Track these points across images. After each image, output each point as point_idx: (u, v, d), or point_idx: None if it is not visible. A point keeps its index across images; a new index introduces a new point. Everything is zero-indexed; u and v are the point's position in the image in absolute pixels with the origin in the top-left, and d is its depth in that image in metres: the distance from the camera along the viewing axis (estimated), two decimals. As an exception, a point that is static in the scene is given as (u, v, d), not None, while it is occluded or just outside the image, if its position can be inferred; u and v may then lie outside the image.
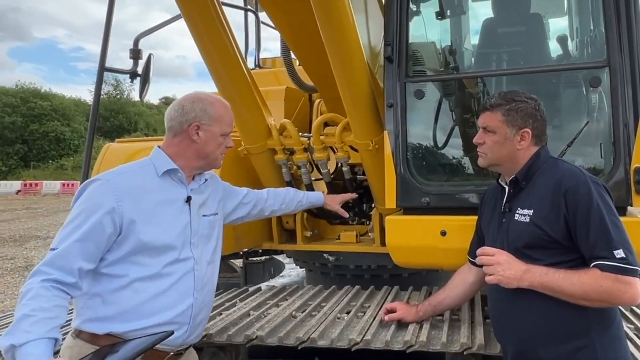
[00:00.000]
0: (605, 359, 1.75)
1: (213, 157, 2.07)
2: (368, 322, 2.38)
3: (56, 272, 1.66)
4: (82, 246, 1.73)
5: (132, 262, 1.85)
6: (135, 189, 1.89)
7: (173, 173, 1.99)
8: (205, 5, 2.57)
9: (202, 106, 2.00)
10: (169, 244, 1.91)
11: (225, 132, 2.07)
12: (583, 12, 3.36)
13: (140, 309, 1.84)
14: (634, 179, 2.42)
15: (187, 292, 1.95)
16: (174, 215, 1.97)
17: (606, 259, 1.68)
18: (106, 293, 1.82)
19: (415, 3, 3.05)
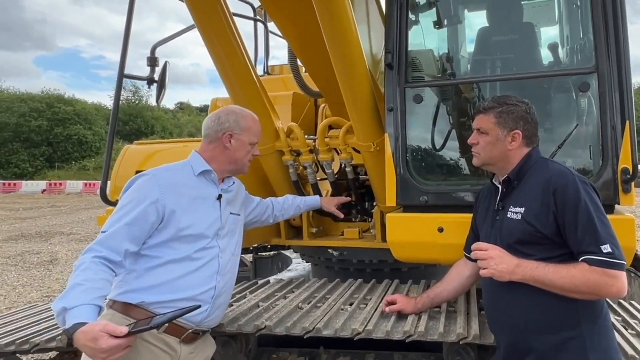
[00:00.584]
0: (593, 348, 1.74)
1: (242, 163, 2.26)
2: (370, 313, 2.38)
3: (105, 250, 1.83)
4: (129, 230, 1.90)
5: (168, 247, 2.02)
6: (177, 185, 2.08)
7: (207, 174, 2.18)
8: (218, 16, 2.58)
9: (235, 118, 2.21)
10: (201, 233, 2.08)
11: (253, 141, 2.27)
12: (573, 21, 3.34)
13: (170, 284, 1.99)
14: (621, 179, 2.41)
15: (212, 276, 2.09)
16: (206, 209, 2.15)
17: (594, 254, 1.68)
18: (142, 270, 1.99)
19: (414, 13, 3.04)
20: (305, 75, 3.79)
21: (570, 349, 1.74)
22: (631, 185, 2.43)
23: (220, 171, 2.23)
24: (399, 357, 2.44)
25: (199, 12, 2.57)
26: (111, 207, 3.44)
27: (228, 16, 2.65)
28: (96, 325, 1.60)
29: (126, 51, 3.41)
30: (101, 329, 1.58)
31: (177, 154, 3.43)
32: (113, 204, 3.45)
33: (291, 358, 2.52)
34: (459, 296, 2.49)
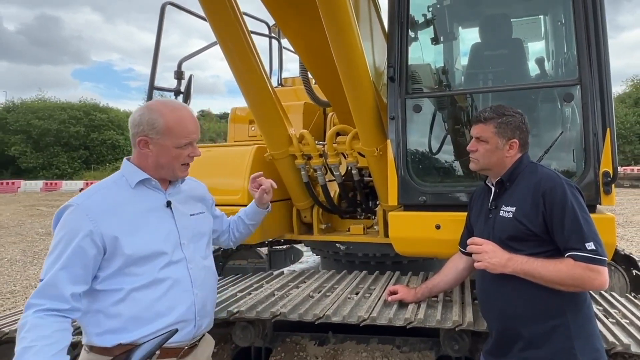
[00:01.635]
0: (577, 335, 1.73)
1: (171, 168, 1.75)
2: (374, 302, 2.37)
3: (48, 302, 1.48)
4: (68, 273, 1.52)
5: (125, 274, 1.62)
6: (111, 206, 1.64)
7: (147, 182, 1.74)
8: (237, 34, 2.59)
9: (149, 118, 1.68)
10: (157, 251, 1.67)
11: (180, 143, 1.71)
12: (557, 37, 3.32)
13: (143, 316, 1.63)
14: (603, 181, 2.39)
15: (187, 291, 1.73)
16: (157, 222, 1.72)
17: (579, 250, 1.67)
18: (106, 308, 1.61)
19: (414, 30, 3.03)
20: (315, 87, 3.79)
21: (556, 336, 1.73)
22: (612, 187, 2.41)
23: (157, 177, 1.77)
24: (400, 341, 2.42)
25: (221, 30, 2.58)
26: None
27: (246, 33, 2.66)
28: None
29: (156, 67, 3.44)
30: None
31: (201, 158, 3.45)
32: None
33: (303, 341, 2.51)
34: (455, 287, 2.47)
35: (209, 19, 2.57)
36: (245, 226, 2.29)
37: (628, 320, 2.28)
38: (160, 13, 3.40)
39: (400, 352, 2.38)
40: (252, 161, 3.16)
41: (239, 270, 4.64)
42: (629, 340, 2.01)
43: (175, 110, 1.73)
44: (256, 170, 3.15)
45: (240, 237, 2.32)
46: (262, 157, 3.22)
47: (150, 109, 1.70)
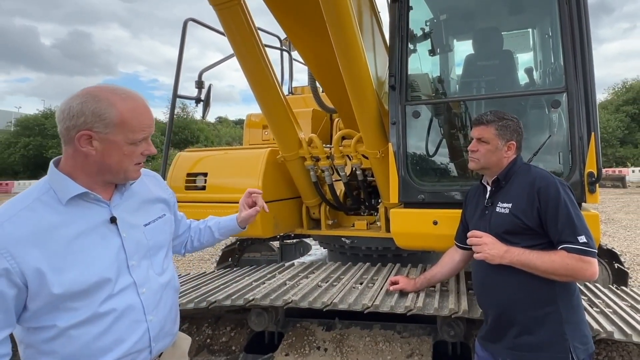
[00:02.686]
0: (568, 321, 1.71)
1: (122, 169, 1.28)
2: (377, 291, 2.36)
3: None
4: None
5: (57, 310, 1.19)
6: (33, 234, 1.16)
7: (85, 196, 1.25)
8: (253, 48, 2.60)
9: (95, 108, 1.19)
10: (98, 281, 1.23)
11: (134, 139, 1.26)
12: (545, 49, 3.29)
13: (84, 353, 1.22)
14: (587, 181, 2.37)
15: (138, 320, 1.31)
16: (97, 244, 1.26)
17: (571, 243, 1.66)
18: (39, 344, 1.21)
19: (413, 43, 3.02)
20: (322, 95, 3.79)
21: (548, 322, 1.72)
22: (596, 187, 2.38)
23: (98, 184, 1.28)
24: (400, 327, 2.41)
25: (238, 44, 2.59)
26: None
27: (261, 46, 2.66)
28: None
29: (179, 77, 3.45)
30: None
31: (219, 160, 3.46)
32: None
33: (312, 327, 2.51)
34: (451, 278, 2.46)
35: (227, 34, 2.58)
36: (211, 238, 1.82)
37: (611, 310, 2.26)
38: (183, 28, 3.42)
39: (401, 337, 2.37)
40: (266, 162, 3.16)
41: (253, 262, 4.65)
42: (612, 327, 1.99)
43: (127, 98, 1.25)
44: (270, 170, 3.16)
45: (199, 247, 1.81)
46: (274, 159, 3.23)
47: (95, 96, 1.21)
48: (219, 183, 3.18)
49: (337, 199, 3.37)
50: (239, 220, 1.84)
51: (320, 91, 3.73)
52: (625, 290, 2.72)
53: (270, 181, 3.16)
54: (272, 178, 3.17)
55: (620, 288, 2.79)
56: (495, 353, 1.83)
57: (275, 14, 2.82)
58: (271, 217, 3.07)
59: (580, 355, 1.68)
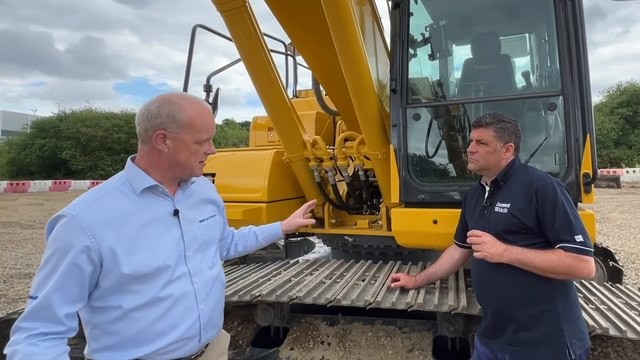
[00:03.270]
0: (565, 318, 1.70)
1: (188, 167, 1.40)
2: (378, 288, 2.35)
3: (41, 325, 1.18)
4: (63, 292, 1.21)
5: (123, 292, 1.29)
6: (111, 219, 1.28)
7: (154, 189, 1.38)
8: (259, 52, 2.60)
9: (169, 111, 1.33)
10: (160, 266, 1.33)
11: (200, 139, 1.38)
12: (541, 53, 3.27)
13: (143, 335, 1.31)
14: (583, 182, 2.35)
15: (191, 307, 1.39)
16: (162, 233, 1.37)
17: (569, 242, 1.64)
18: (104, 324, 1.30)
19: (413, 48, 3.01)
20: (326, 98, 3.79)
21: (546, 319, 1.70)
22: (591, 187, 2.36)
23: (166, 179, 1.41)
24: (401, 323, 2.41)
25: (245, 49, 2.60)
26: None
27: (266, 51, 2.67)
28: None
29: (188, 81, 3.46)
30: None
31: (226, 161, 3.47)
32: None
33: (316, 322, 2.51)
34: (450, 275, 2.45)
35: (235, 39, 2.58)
36: (255, 243, 1.88)
37: (606, 307, 2.24)
38: (192, 34, 3.42)
39: (402, 333, 2.37)
40: (271, 163, 3.17)
41: (259, 259, 4.64)
42: (607, 324, 1.97)
43: (194, 102, 1.39)
44: (275, 171, 3.17)
45: (242, 252, 1.87)
46: (279, 160, 3.23)
47: (169, 101, 1.35)
48: (226, 183, 3.19)
49: (340, 198, 3.37)
50: (284, 228, 1.93)
51: (323, 94, 3.73)
52: (620, 288, 2.70)
53: (275, 181, 3.16)
54: (277, 178, 3.17)
55: (615, 285, 2.77)
56: (494, 349, 1.82)
57: (281, 20, 2.82)
58: (276, 217, 3.08)
59: (577, 351, 1.67)
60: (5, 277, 6.67)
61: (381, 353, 2.28)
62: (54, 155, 35.14)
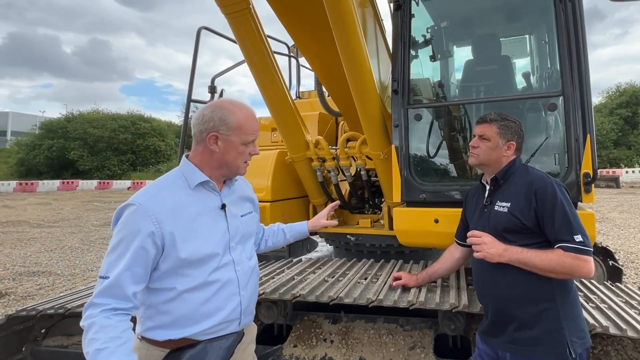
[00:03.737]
0: (565, 317, 1.68)
1: (235, 166, 1.54)
2: (380, 286, 2.35)
3: (113, 301, 1.32)
4: (131, 272, 1.35)
5: (178, 275, 1.43)
6: (171, 208, 1.43)
7: (206, 184, 1.53)
8: (262, 54, 2.60)
9: (221, 115, 1.48)
10: (210, 253, 1.47)
11: (246, 140, 1.52)
12: (542, 54, 3.26)
13: (192, 316, 1.45)
14: (583, 181, 2.34)
15: (234, 293, 1.53)
16: (211, 224, 1.51)
17: (568, 242, 1.63)
18: (159, 304, 1.44)
19: (415, 49, 3.00)
20: (328, 99, 3.78)
21: (546, 318, 1.69)
22: (592, 187, 2.35)
23: (215, 176, 1.54)
24: (403, 321, 2.40)
25: (249, 51, 2.60)
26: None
27: (270, 53, 2.66)
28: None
29: (193, 82, 3.46)
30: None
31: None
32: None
33: (319, 320, 2.50)
34: (452, 274, 2.44)
35: (239, 41, 2.58)
36: (282, 239, 2.02)
37: (606, 305, 2.23)
38: (197, 36, 3.43)
39: (403, 330, 2.36)
40: (275, 163, 3.16)
41: (263, 257, 4.63)
42: (607, 322, 1.96)
43: (243, 108, 1.54)
44: (278, 171, 3.16)
45: (271, 247, 2.00)
46: (283, 160, 3.23)
47: (221, 106, 1.50)
48: (230, 183, 3.18)
49: (343, 198, 3.36)
50: (310, 227, 2.06)
51: (326, 95, 3.72)
52: (620, 287, 2.68)
53: (278, 181, 3.16)
54: (280, 178, 3.17)
55: (615, 284, 2.75)
56: (495, 347, 1.80)
57: (284, 22, 2.82)
58: (280, 216, 3.07)
59: (577, 350, 1.65)
60: (14, 275, 6.70)
61: (383, 350, 2.27)
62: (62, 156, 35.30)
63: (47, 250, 8.76)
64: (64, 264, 7.55)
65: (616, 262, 4.11)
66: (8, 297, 5.62)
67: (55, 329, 2.86)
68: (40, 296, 5.62)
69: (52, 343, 2.79)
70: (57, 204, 18.67)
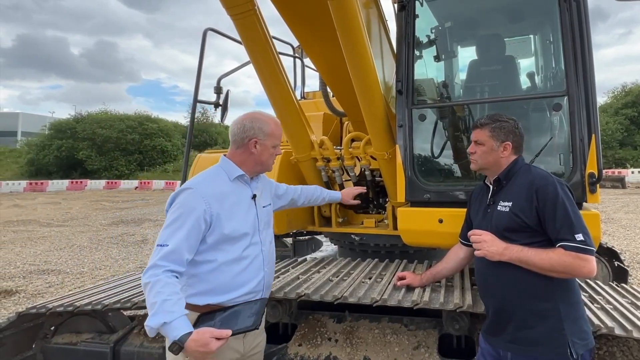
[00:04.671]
0: (566, 317, 1.67)
1: (267, 164, 1.95)
2: (385, 286, 2.34)
3: (172, 264, 1.60)
4: (187, 242, 1.65)
5: (218, 250, 1.75)
6: (217, 194, 1.77)
7: (241, 177, 1.89)
8: (268, 55, 2.60)
9: (259, 125, 1.87)
10: (244, 233, 1.81)
11: (276, 144, 1.94)
12: (546, 54, 3.23)
13: (228, 285, 1.76)
14: (588, 182, 2.31)
15: (259, 268, 1.86)
16: (245, 210, 1.86)
17: (569, 241, 1.61)
18: (202, 274, 1.74)
19: (419, 50, 2.99)
20: (333, 99, 3.77)
21: (547, 317, 1.68)
22: (597, 187, 2.32)
23: (250, 172, 1.92)
24: (407, 321, 2.39)
25: (254, 52, 2.59)
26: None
27: (275, 54, 2.66)
28: (204, 333, 1.49)
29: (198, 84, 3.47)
30: (210, 335, 1.48)
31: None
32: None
33: (324, 319, 2.50)
34: (456, 274, 2.43)
35: (244, 42, 2.58)
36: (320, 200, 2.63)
37: (612, 306, 2.20)
38: (203, 37, 3.43)
39: (408, 330, 2.35)
40: (280, 163, 3.16)
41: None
42: (612, 323, 1.94)
43: (272, 119, 1.96)
44: (283, 171, 3.17)
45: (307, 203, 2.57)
46: (288, 160, 3.23)
47: (257, 118, 1.89)
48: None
49: (347, 198, 3.35)
50: (343, 197, 2.73)
51: (330, 96, 3.72)
52: (626, 288, 2.65)
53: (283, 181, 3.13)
54: (285, 178, 3.16)
55: (621, 285, 2.72)
56: (497, 346, 1.80)
57: (289, 24, 2.82)
58: (284, 215, 3.07)
59: (579, 351, 1.64)
60: (24, 273, 6.77)
61: (387, 350, 2.27)
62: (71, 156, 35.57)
63: (57, 248, 8.84)
64: (72, 263, 7.61)
65: (622, 262, 4.06)
66: (18, 294, 5.68)
67: (65, 326, 2.88)
68: (50, 294, 5.67)
69: (61, 340, 2.81)
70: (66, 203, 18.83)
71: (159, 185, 29.87)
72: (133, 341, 2.68)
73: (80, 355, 2.71)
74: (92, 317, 2.85)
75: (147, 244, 9.37)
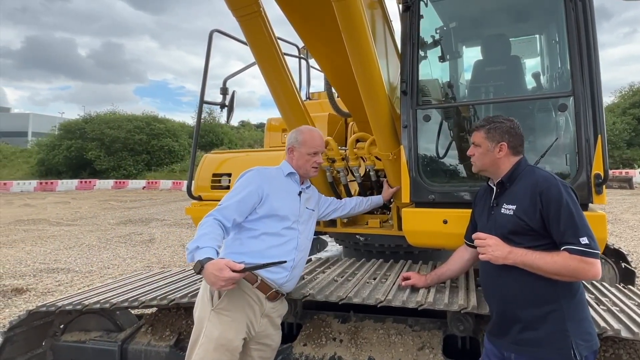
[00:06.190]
0: (570, 319, 1.65)
1: (304, 169, 2.29)
2: (389, 286, 2.34)
3: (220, 216, 1.96)
4: (238, 206, 2.03)
5: (263, 222, 2.09)
6: (273, 178, 2.20)
7: (292, 175, 2.29)
8: (273, 56, 2.60)
9: (295, 135, 2.31)
10: (286, 215, 2.14)
11: (310, 152, 2.28)
12: (552, 54, 3.20)
13: (263, 252, 2.05)
14: (594, 183, 2.29)
15: (291, 250, 2.14)
16: (291, 199, 2.22)
17: (573, 244, 1.59)
18: (244, 238, 2.09)
19: (423, 50, 2.97)
20: (338, 100, 3.77)
21: (550, 319, 1.66)
22: (603, 188, 2.30)
23: (298, 174, 2.31)
24: (412, 321, 2.38)
25: (260, 53, 2.59)
26: (194, 200, 3.52)
27: (280, 55, 2.66)
28: (221, 260, 1.74)
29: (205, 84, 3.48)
30: (225, 263, 1.73)
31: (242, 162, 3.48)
32: (197, 199, 3.52)
33: (328, 319, 2.50)
34: (460, 275, 2.41)
35: (249, 43, 2.58)
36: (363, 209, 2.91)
37: (618, 308, 2.18)
38: (209, 39, 3.45)
39: (412, 331, 2.34)
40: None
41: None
42: (619, 325, 1.92)
43: (309, 130, 2.37)
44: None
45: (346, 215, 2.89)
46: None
47: (298, 129, 2.37)
48: (241, 183, 3.19)
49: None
50: (384, 196, 2.98)
51: (335, 96, 3.71)
52: (633, 290, 2.62)
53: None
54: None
55: (628, 287, 2.69)
56: (501, 347, 1.79)
57: (294, 24, 2.82)
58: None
59: (582, 352, 1.62)
60: (34, 272, 6.84)
61: (392, 350, 2.26)
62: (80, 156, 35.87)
63: (66, 247, 8.93)
64: (81, 261, 7.68)
65: (629, 264, 4.02)
66: (29, 293, 5.74)
67: (74, 324, 2.91)
68: (60, 292, 5.73)
69: (71, 338, 2.84)
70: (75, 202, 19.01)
71: (166, 185, 30.04)
72: (140, 339, 2.69)
73: (88, 353, 2.73)
74: (100, 315, 2.88)
75: (155, 243, 9.43)
